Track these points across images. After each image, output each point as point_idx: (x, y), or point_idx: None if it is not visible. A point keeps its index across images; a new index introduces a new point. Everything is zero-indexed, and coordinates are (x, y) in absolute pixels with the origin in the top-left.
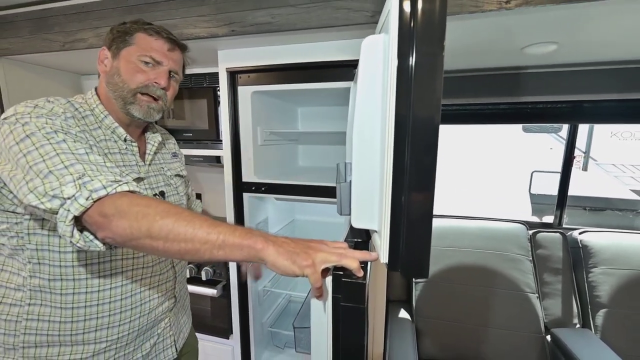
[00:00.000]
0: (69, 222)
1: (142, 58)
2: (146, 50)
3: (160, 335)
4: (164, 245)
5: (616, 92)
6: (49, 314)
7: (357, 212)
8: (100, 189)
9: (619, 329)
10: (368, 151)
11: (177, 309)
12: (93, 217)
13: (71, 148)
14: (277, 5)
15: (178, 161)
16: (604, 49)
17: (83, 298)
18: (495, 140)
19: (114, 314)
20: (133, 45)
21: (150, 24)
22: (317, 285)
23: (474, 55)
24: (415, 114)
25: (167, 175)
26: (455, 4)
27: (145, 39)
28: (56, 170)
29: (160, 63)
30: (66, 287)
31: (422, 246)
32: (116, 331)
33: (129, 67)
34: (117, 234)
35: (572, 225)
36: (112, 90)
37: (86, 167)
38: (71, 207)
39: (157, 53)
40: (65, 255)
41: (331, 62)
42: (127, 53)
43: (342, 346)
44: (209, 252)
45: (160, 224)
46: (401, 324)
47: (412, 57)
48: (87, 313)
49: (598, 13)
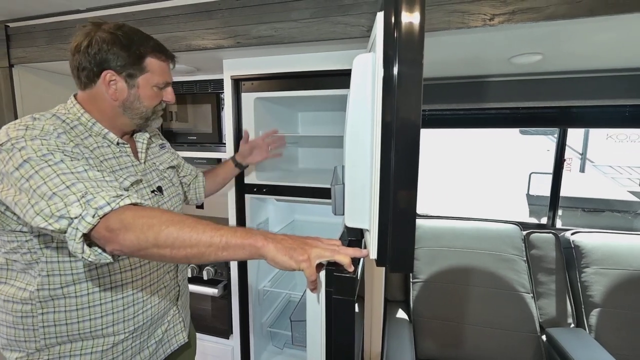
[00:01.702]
0: (78, 239)
1: (159, 85)
2: (162, 77)
3: (171, 322)
4: (171, 252)
5: (601, 99)
6: (64, 318)
7: (349, 212)
8: (105, 205)
9: (611, 328)
10: (359, 154)
11: (182, 297)
12: (101, 232)
13: (70, 167)
14: (279, 20)
15: (167, 151)
16: (585, 60)
17: (97, 297)
18: (493, 142)
19: (127, 308)
20: (148, 73)
21: (152, 40)
22: (312, 278)
23: (463, 64)
24: (398, 119)
25: (161, 170)
26: (443, 21)
27: (157, 64)
28: (59, 191)
29: (170, 84)
30: (80, 290)
31: (406, 242)
32: (132, 323)
33: (150, 93)
34: (124, 246)
35: (572, 226)
36: (130, 113)
37: (87, 184)
38: (79, 226)
39: (169, 77)
40: (77, 263)
41: (329, 71)
42: (144, 82)
43: (333, 336)
44: (213, 254)
45: (165, 232)
46: (399, 324)
47: (395, 70)
48: (102, 310)
49: (575, 30)
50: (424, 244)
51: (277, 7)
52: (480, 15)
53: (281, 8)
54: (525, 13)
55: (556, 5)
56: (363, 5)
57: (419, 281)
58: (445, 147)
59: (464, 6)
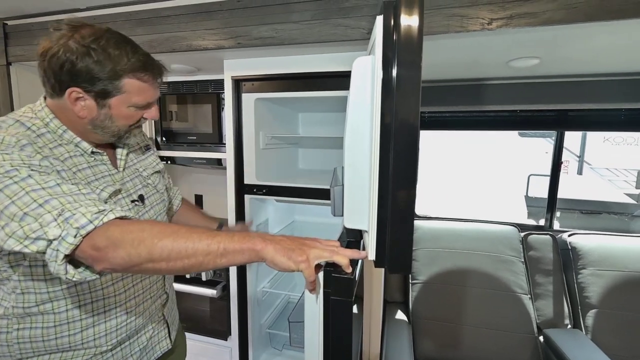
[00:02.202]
0: (60, 261)
1: (138, 104)
2: (142, 98)
3: (155, 329)
4: (167, 265)
5: (597, 102)
6: (40, 335)
7: (348, 214)
8: (87, 224)
9: (607, 329)
10: (358, 156)
11: (169, 303)
12: (86, 252)
13: (39, 182)
14: (280, 21)
15: (152, 154)
16: (581, 64)
17: (77, 313)
18: (492, 144)
19: (109, 320)
20: (124, 94)
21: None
22: (311, 279)
23: (463, 67)
24: (397, 121)
25: (144, 176)
26: (442, 25)
27: (136, 85)
28: (31, 210)
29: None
30: (58, 307)
31: (405, 243)
32: (114, 335)
33: (125, 114)
34: (115, 264)
35: (569, 228)
36: (101, 131)
37: (62, 200)
38: (60, 247)
39: (152, 96)
40: (52, 281)
41: (330, 73)
42: (119, 102)
43: (331, 336)
44: (212, 262)
45: (160, 246)
46: (398, 325)
47: (394, 72)
48: (82, 325)
49: (572, 35)
50: (423, 245)
51: (278, 8)
52: (479, 19)
53: (282, 9)
54: (522, 18)
55: (553, 10)
56: (363, 8)
57: (418, 282)
58: (445, 149)
59: (462, 10)
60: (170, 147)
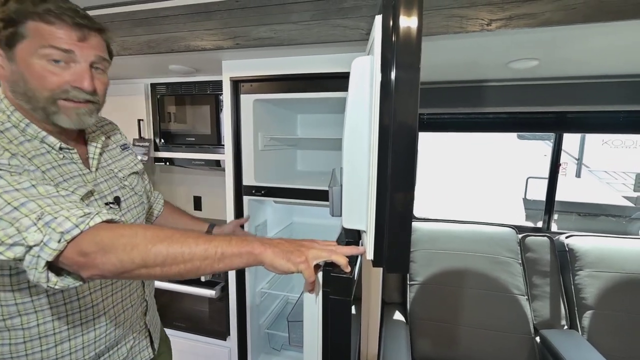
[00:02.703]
0: (41, 268)
1: (45, 55)
2: (47, 42)
3: (136, 339)
4: (161, 270)
5: (597, 104)
6: (9, 352)
7: (347, 214)
8: (72, 228)
9: (603, 330)
10: (357, 156)
11: (150, 311)
12: (71, 258)
13: (11, 183)
14: (279, 22)
15: (130, 154)
16: (581, 66)
17: (50, 327)
18: (491, 146)
19: (87, 333)
20: (28, 39)
21: (49, 4)
22: (311, 279)
23: (462, 69)
24: (396, 122)
25: (120, 177)
26: (442, 26)
27: (43, 28)
28: (5, 214)
29: (72, 57)
30: (27, 321)
31: (403, 243)
32: (92, 348)
33: (33, 69)
34: (105, 270)
35: (567, 230)
36: (23, 101)
37: (40, 203)
38: (41, 253)
39: (64, 43)
40: (21, 292)
41: (329, 74)
42: (25, 52)
43: (330, 336)
44: (209, 267)
45: (154, 251)
46: (396, 325)
47: (392, 73)
48: (57, 339)
49: (571, 36)
50: (421, 246)
51: (277, 8)
52: (478, 20)
53: (281, 10)
54: (521, 19)
55: (552, 11)
56: (362, 8)
57: (416, 283)
58: (444, 151)
59: (462, 11)
60: (168, 148)
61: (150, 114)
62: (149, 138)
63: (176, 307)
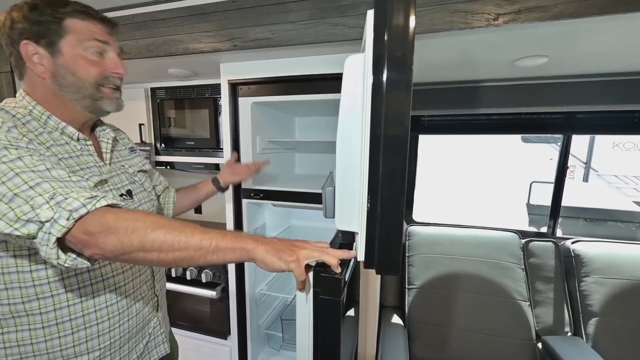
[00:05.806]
0: (52, 244)
1: (89, 47)
2: (91, 37)
3: (152, 334)
4: (158, 255)
5: (608, 104)
6: (29, 337)
7: (339, 215)
8: (80, 207)
9: (610, 338)
10: (349, 157)
11: (162, 309)
12: (77, 236)
13: (29, 165)
14: (276, 22)
15: (137, 156)
16: (593, 62)
17: (66, 312)
18: (494, 150)
19: (102, 322)
20: (70, 35)
21: (77, 4)
22: (301, 278)
23: (465, 68)
24: (387, 122)
25: (130, 173)
26: (445, 21)
27: (81, 24)
28: (21, 192)
29: (107, 48)
30: (45, 305)
31: (394, 245)
32: (107, 337)
33: (82, 62)
34: (106, 250)
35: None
36: (70, 92)
37: (53, 184)
38: (52, 230)
39: (102, 36)
40: (39, 274)
41: (327, 75)
42: (69, 46)
43: (320, 335)
44: (203, 258)
45: (152, 236)
46: (394, 329)
47: (384, 72)
48: (73, 326)
49: (585, 29)
50: (420, 250)
51: (274, 8)
52: (484, 14)
53: (278, 10)
54: (531, 12)
55: (564, 3)
56: (362, 5)
57: (415, 287)
58: (446, 154)
59: (467, 5)
60: (169, 152)
61: (151, 119)
62: (150, 142)
63: (179, 307)
